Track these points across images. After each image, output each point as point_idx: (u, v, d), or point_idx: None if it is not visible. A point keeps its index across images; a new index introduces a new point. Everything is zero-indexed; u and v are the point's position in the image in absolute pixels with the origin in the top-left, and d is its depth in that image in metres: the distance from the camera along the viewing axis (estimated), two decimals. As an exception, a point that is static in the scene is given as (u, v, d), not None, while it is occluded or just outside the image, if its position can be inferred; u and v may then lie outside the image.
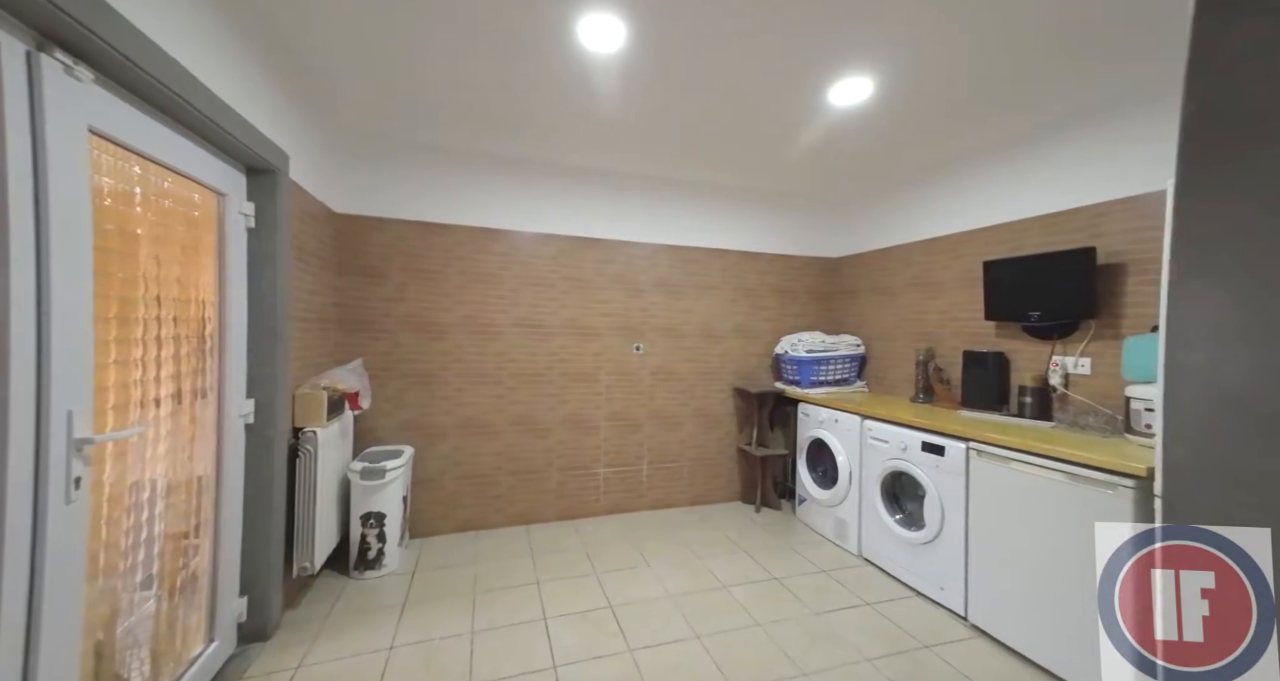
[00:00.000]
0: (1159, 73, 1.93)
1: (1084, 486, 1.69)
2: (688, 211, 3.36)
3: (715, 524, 3.10)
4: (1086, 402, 2.19)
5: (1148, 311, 2.02)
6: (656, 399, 3.28)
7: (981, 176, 2.71)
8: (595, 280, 3.14)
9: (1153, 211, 2.00)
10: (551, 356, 3.04)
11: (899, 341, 3.21)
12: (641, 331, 3.24)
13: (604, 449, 3.17)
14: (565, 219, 3.08)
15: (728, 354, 3.46)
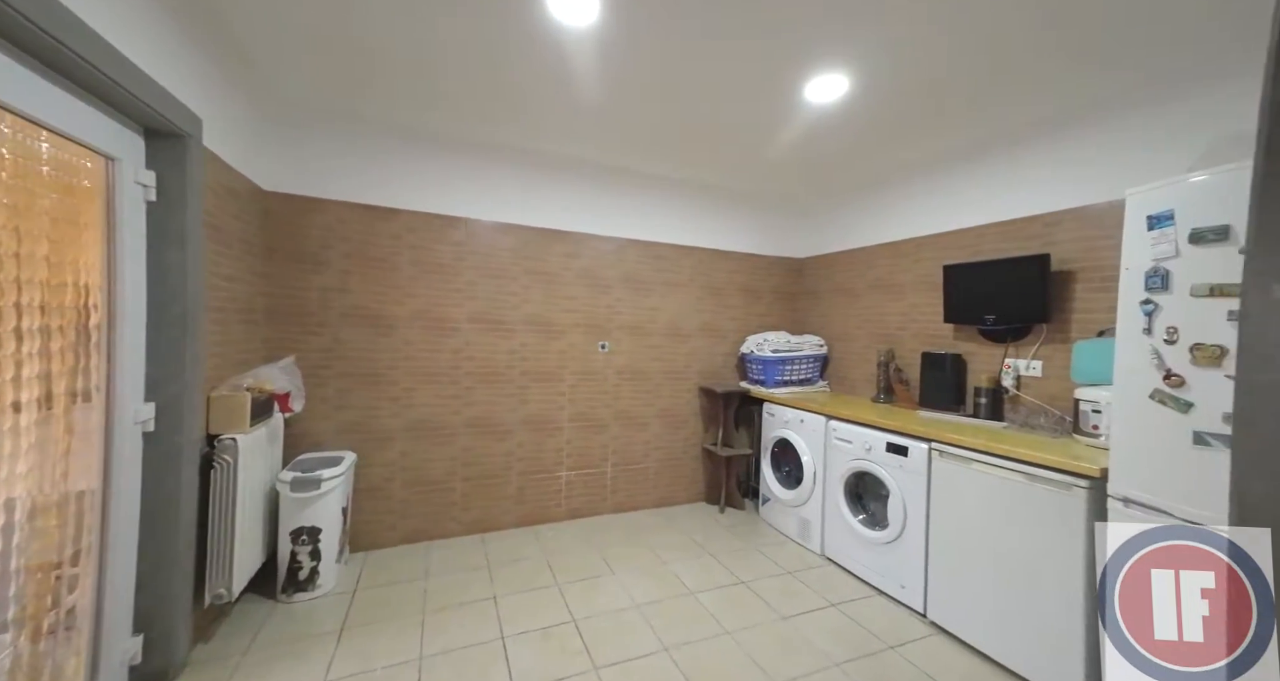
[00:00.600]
0: (1109, 89, 1.97)
1: (1041, 486, 1.69)
2: (657, 206, 3.24)
3: (680, 526, 3.00)
4: (1037, 403, 2.24)
5: (1094, 316, 2.07)
6: (622, 399, 3.14)
7: (943, 182, 2.73)
8: (560, 274, 2.95)
9: (1101, 221, 2.05)
10: (512, 354, 2.84)
11: (860, 342, 3.22)
12: (607, 329, 3.09)
13: (567, 451, 3.00)
14: (529, 208, 2.88)
15: (694, 353, 3.37)
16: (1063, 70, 1.92)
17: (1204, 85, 1.77)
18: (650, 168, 3.08)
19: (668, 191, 3.25)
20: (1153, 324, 1.43)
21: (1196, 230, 1.34)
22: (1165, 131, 1.87)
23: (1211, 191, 1.33)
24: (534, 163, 2.87)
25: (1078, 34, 1.69)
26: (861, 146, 2.69)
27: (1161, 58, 1.78)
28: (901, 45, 1.76)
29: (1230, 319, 1.28)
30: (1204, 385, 1.32)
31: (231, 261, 1.95)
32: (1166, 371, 1.39)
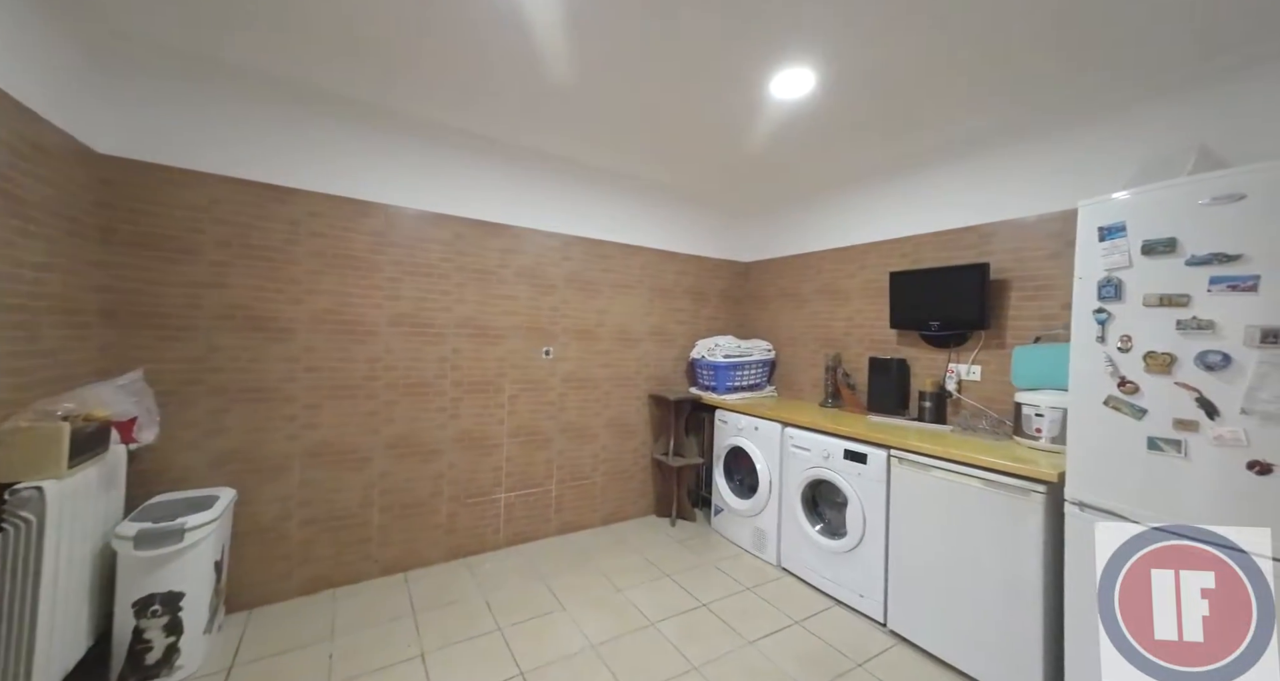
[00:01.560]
0: (1042, 109, 2.04)
1: (1000, 492, 1.67)
2: (604, 202, 2.98)
3: (631, 544, 2.76)
4: (977, 407, 2.28)
5: (1028, 323, 2.14)
6: (568, 409, 2.84)
7: (885, 191, 2.76)
8: (499, 273, 2.59)
9: (1032, 234, 2.12)
10: (443, 362, 2.43)
11: (807, 347, 3.19)
12: (552, 333, 2.77)
13: (507, 470, 2.64)
14: (463, 197, 2.49)
15: (644, 358, 3.15)
16: (996, 90, 1.96)
17: (1132, 108, 1.86)
18: (599, 159, 2.81)
19: (615, 187, 3.01)
20: (1106, 332, 1.42)
21: (1147, 242, 1.34)
22: (1098, 151, 1.95)
23: (1159, 205, 1.34)
24: (470, 146, 2.49)
25: (1012, 57, 1.71)
26: (811, 152, 2.64)
27: (1090, 81, 1.85)
28: (864, 46, 1.67)
29: (1179, 328, 1.28)
30: (1156, 392, 1.32)
31: (41, 244, 1.40)
32: (1120, 378, 1.39)
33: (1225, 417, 1.22)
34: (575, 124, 2.36)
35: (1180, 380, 1.28)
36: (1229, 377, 1.21)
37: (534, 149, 2.66)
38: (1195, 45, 1.61)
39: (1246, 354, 1.19)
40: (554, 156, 2.76)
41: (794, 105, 2.10)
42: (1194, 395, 1.26)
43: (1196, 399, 1.26)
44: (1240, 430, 1.20)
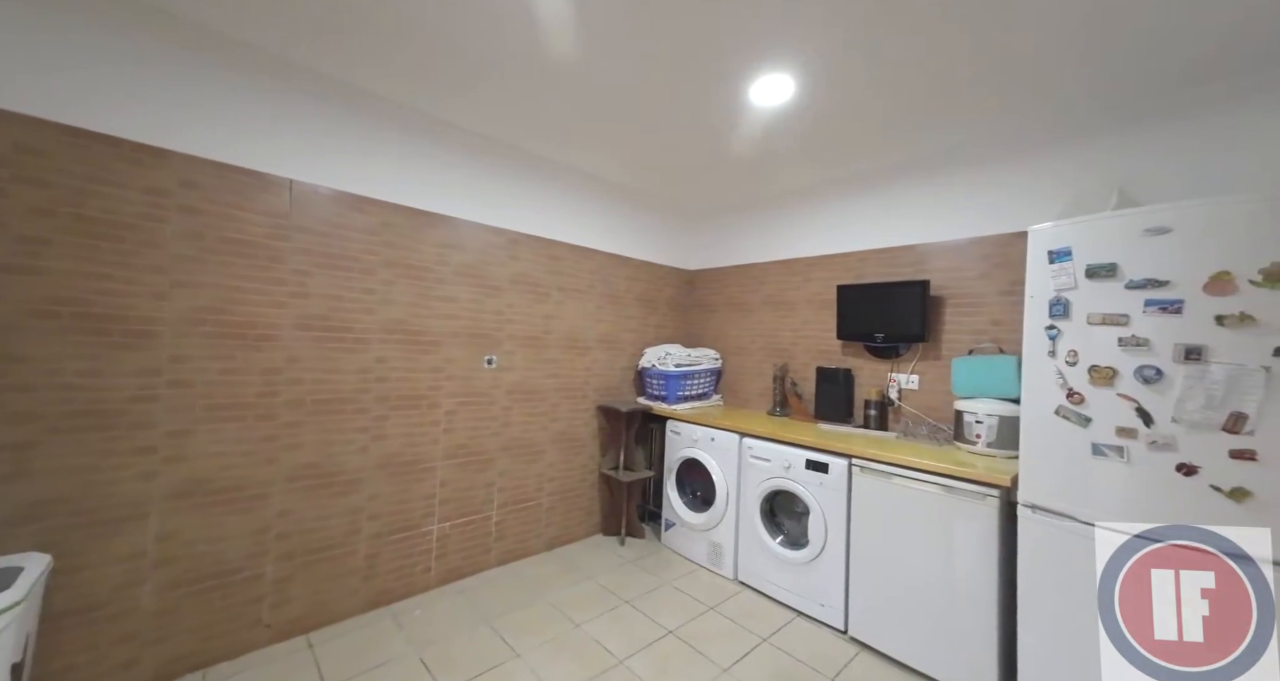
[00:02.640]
0: (981, 138, 2.23)
1: (957, 496, 1.74)
2: (557, 199, 2.73)
3: (583, 569, 2.51)
4: (917, 414, 2.41)
5: (961, 337, 2.32)
6: (513, 425, 2.52)
7: (832, 208, 2.86)
8: (436, 270, 2.22)
9: (966, 254, 2.30)
10: (365, 373, 2.00)
11: (754, 356, 3.21)
12: (496, 340, 2.45)
13: (441, 497, 2.25)
14: (395, 180, 2.10)
15: (593, 368, 2.93)
16: (938, 122, 2.10)
17: (1054, 148, 2.08)
18: (554, 151, 2.57)
19: (569, 183, 2.77)
20: (1056, 347, 1.53)
21: (1091, 266, 1.46)
22: (1024, 184, 2.16)
23: (1101, 234, 1.47)
24: (402, 120, 2.11)
25: (951, 93, 1.84)
26: (767, 165, 2.65)
27: (1016, 121, 2.04)
28: (841, 58, 1.66)
29: (1120, 345, 1.40)
30: (1100, 402, 1.44)
31: None
32: (1069, 390, 1.49)
33: (1159, 425, 1.33)
34: (529, 108, 2.09)
35: (1121, 392, 1.40)
36: (1161, 389, 1.33)
37: (480, 132, 2.34)
38: (1095, 99, 1.83)
39: (1175, 369, 1.32)
40: (503, 143, 2.45)
41: (768, 113, 2.06)
42: (1133, 405, 1.37)
43: (1136, 409, 1.37)
44: (1173, 436, 1.31)
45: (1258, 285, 1.22)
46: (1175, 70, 1.62)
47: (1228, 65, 1.58)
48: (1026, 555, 1.59)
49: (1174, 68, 1.61)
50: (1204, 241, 1.29)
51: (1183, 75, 1.64)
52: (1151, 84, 1.71)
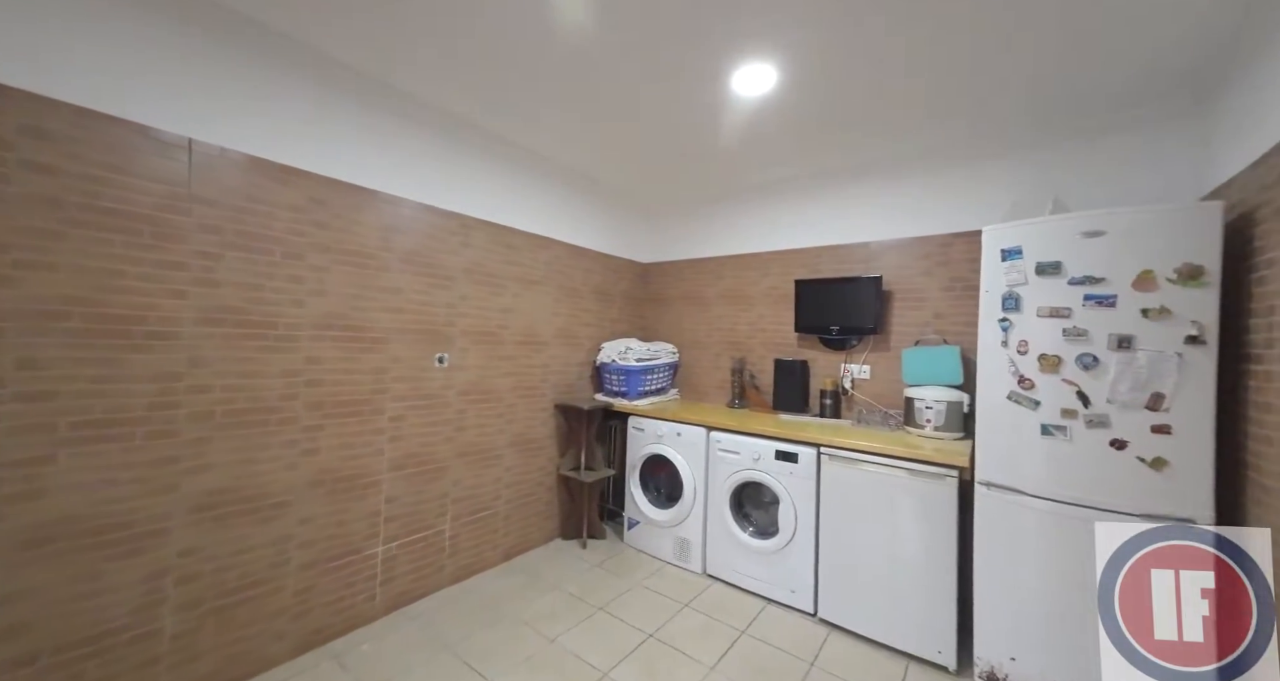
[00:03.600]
0: (931, 144, 2.39)
1: (920, 478, 1.87)
2: (511, 182, 2.53)
3: (547, 579, 2.37)
4: (869, 402, 2.58)
5: (908, 329, 2.50)
6: (467, 428, 2.30)
7: (788, 204, 2.95)
8: (378, 256, 1.93)
9: (912, 252, 2.48)
10: (292, 377, 1.69)
11: (711, 350, 3.24)
12: (448, 336, 2.21)
13: (387, 515, 1.99)
14: (325, 150, 1.79)
15: (550, 364, 2.77)
16: (883, 130, 2.24)
17: (1007, 154, 2.28)
18: (509, 129, 2.36)
19: (523, 166, 2.58)
20: (1009, 338, 1.68)
21: (1040, 264, 1.62)
22: (966, 189, 2.36)
23: (1047, 235, 1.64)
24: (335, 80, 1.79)
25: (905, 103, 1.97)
26: (732, 158, 2.65)
27: (960, 131, 2.22)
28: (819, 52, 1.69)
29: (1064, 335, 1.58)
30: (1048, 388, 1.61)
31: None
32: (1020, 377, 1.65)
33: (1096, 406, 1.51)
34: (484, 80, 1.89)
35: (1065, 377, 1.56)
36: (1098, 374, 1.51)
37: (428, 100, 2.07)
38: (1027, 115, 2.04)
39: (1109, 356, 1.50)
40: (454, 116, 2.20)
41: (741, 106, 2.04)
42: (1075, 389, 1.54)
43: (1077, 392, 1.54)
44: (1106, 415, 1.49)
45: (1173, 283, 1.41)
46: (1102, 95, 1.84)
47: (1145, 93, 1.82)
48: (983, 528, 1.73)
49: (1101, 93, 1.83)
50: (1131, 243, 1.47)
51: (1109, 100, 1.87)
52: (1082, 106, 1.93)
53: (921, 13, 1.42)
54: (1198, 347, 1.38)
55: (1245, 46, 1.43)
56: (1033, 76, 1.72)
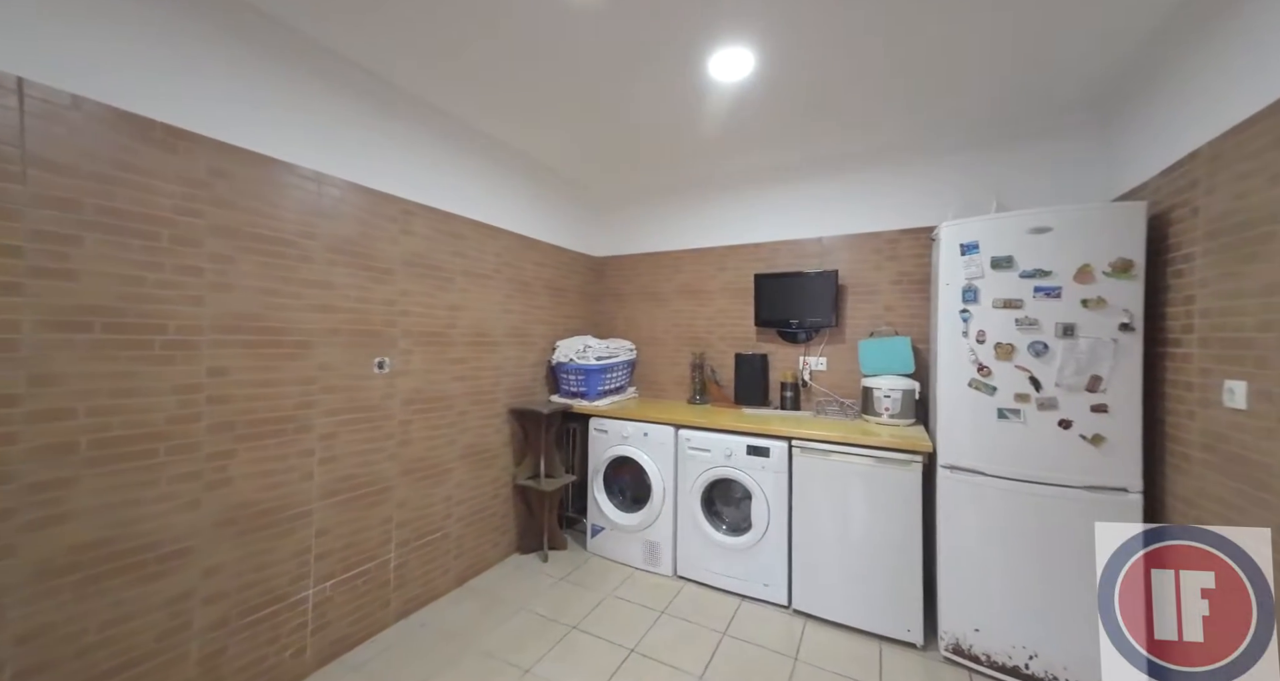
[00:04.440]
0: (880, 144, 2.48)
1: (887, 465, 1.94)
2: (455, 163, 2.27)
3: (510, 601, 2.18)
4: (827, 393, 2.66)
5: (861, 321, 2.61)
6: (413, 442, 2.03)
7: (745, 198, 2.95)
8: (300, 244, 1.62)
9: (863, 247, 2.58)
10: (189, 393, 1.35)
11: (669, 346, 3.18)
12: (389, 338, 1.92)
13: (319, 551, 1.69)
14: (228, 110, 1.44)
15: (503, 366, 2.55)
16: (836, 128, 2.29)
17: (952, 157, 2.41)
18: (454, 103, 2.10)
19: (469, 147, 2.33)
20: (968, 328, 1.78)
21: (995, 258, 1.73)
22: (913, 187, 2.49)
23: (1000, 231, 1.75)
24: (242, 26, 1.45)
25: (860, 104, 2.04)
26: (688, 151, 2.59)
27: (905, 133, 2.33)
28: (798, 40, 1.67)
29: (1017, 325, 1.70)
30: (1003, 374, 1.73)
31: None
32: (979, 364, 1.76)
33: (1045, 390, 1.64)
34: (428, 45, 1.64)
35: (1018, 364, 1.68)
36: (1047, 360, 1.64)
37: (358, 60, 1.76)
38: (962, 121, 2.19)
39: (1056, 343, 1.63)
40: (391, 83, 1.91)
41: (710, 93, 1.96)
42: (1027, 375, 1.67)
43: (1029, 378, 1.66)
44: (1054, 397, 1.63)
45: (1109, 275, 1.55)
46: (1031, 103, 2.00)
47: (1069, 105, 2.00)
48: (945, 509, 1.82)
49: (1031, 101, 1.98)
50: (1073, 239, 1.60)
51: (1046, 106, 2.03)
52: (1023, 111, 2.08)
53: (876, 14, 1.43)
54: (1128, 334, 1.53)
55: (1150, 71, 1.61)
56: (976, 81, 1.83)
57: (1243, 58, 1.23)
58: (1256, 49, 1.19)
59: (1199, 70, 1.39)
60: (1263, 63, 1.17)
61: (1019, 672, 1.65)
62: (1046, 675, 1.62)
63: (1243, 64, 1.23)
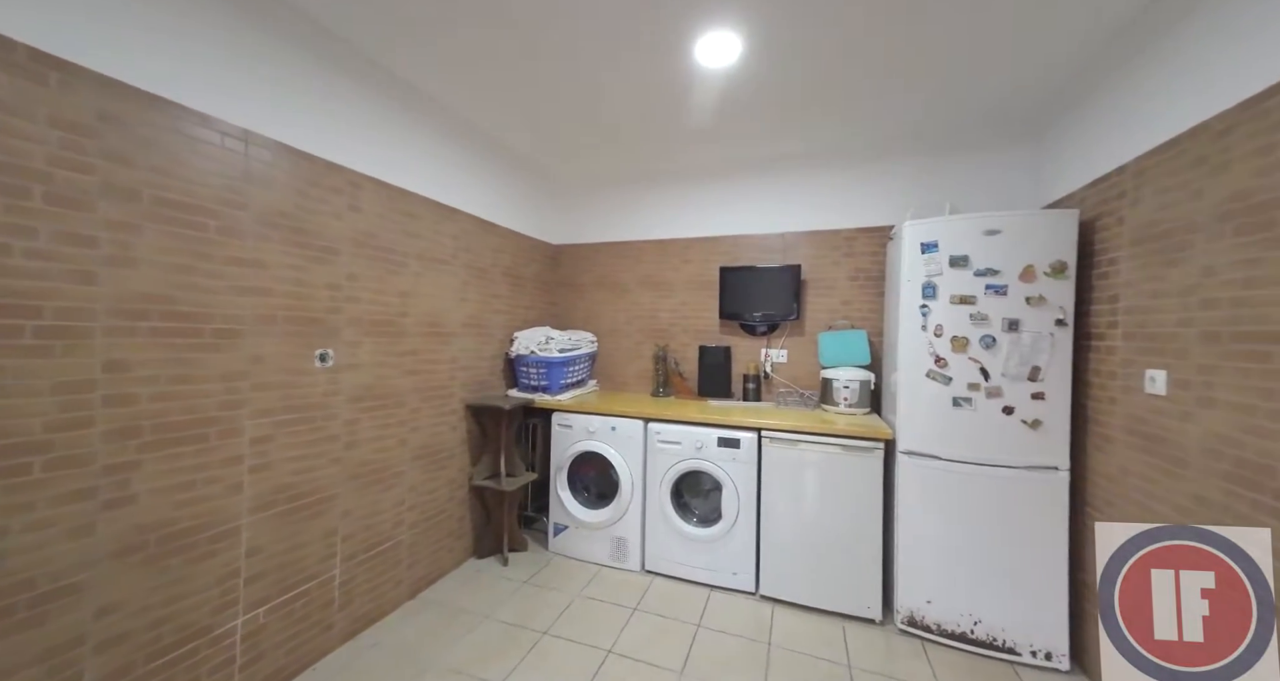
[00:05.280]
0: (840, 144, 2.57)
1: (852, 453, 2.05)
2: (407, 134, 2.04)
3: (473, 609, 2.05)
4: (788, 384, 2.76)
5: (820, 315, 2.71)
6: (360, 444, 1.82)
7: (710, 190, 2.93)
8: (224, 213, 1.36)
9: (822, 244, 2.69)
10: (80, 393, 1.09)
11: (631, 338, 3.13)
12: (333, 327, 1.70)
13: (249, 574, 1.46)
14: (124, 40, 1.16)
15: (459, 359, 2.37)
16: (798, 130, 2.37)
17: (906, 161, 2.54)
18: (406, 67, 1.87)
19: (422, 118, 2.10)
20: (927, 322, 1.91)
21: (953, 257, 1.86)
22: (870, 188, 2.61)
23: (957, 232, 1.88)
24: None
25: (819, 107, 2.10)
26: (659, 139, 2.52)
27: (862, 138, 2.43)
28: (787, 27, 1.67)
29: (970, 320, 1.84)
30: (958, 365, 1.87)
31: None
32: (936, 356, 1.89)
33: (993, 379, 1.79)
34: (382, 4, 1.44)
35: (971, 355, 1.82)
36: (995, 352, 1.79)
37: (301, 5, 1.50)
38: (914, 127, 2.33)
39: (1003, 336, 1.78)
40: (338, 37, 1.65)
41: (702, 77, 1.91)
42: (978, 365, 1.81)
43: (980, 368, 1.81)
44: (1000, 386, 1.78)
45: (1048, 275, 1.72)
46: (982, 115, 2.16)
47: (1018, 117, 2.17)
48: (903, 492, 1.94)
49: (981, 113, 2.14)
50: (1020, 241, 1.75)
51: (988, 119, 2.20)
52: (968, 122, 2.24)
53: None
54: (1062, 328, 1.70)
55: (1081, 94, 1.80)
56: (927, 92, 1.95)
57: (1165, 86, 1.39)
58: (1177, 79, 1.35)
59: (1127, 95, 1.56)
60: (1183, 91, 1.32)
61: (965, 637, 1.80)
62: (988, 638, 1.77)
63: (1165, 91, 1.39)
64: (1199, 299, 1.25)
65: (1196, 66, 1.28)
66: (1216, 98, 1.21)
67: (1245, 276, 1.12)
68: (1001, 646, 1.75)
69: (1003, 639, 1.76)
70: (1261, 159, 1.10)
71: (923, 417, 1.90)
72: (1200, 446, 1.23)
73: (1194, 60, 1.29)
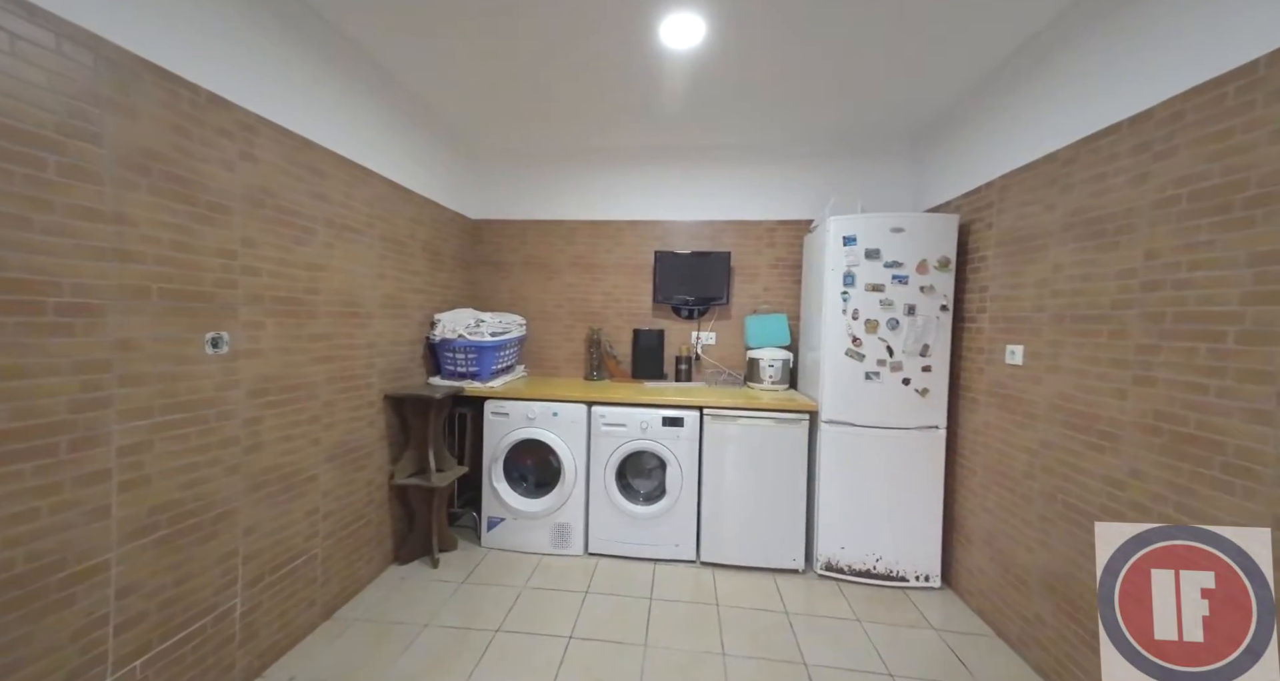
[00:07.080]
0: (769, 141, 2.75)
1: (783, 425, 2.29)
2: (315, 74, 1.70)
3: (407, 621, 1.88)
4: (716, 365, 2.96)
5: (745, 300, 2.92)
6: (264, 446, 1.54)
7: (639, 175, 2.94)
8: (66, 146, 1.02)
9: (747, 233, 2.89)
10: None
11: (561, 321, 3.07)
12: (228, 304, 1.39)
13: (119, 620, 1.16)
14: None
15: (376, 343, 2.11)
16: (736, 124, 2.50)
17: (820, 161, 2.81)
18: None
19: (333, 58, 1.76)
20: (847, 307, 2.19)
21: (868, 249, 2.16)
22: (797, 184, 2.85)
23: (871, 228, 2.17)
24: None
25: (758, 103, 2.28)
26: (588, 117, 2.46)
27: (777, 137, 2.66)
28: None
29: (880, 305, 2.16)
30: (870, 344, 2.17)
31: None
32: (854, 337, 2.19)
33: (896, 355, 2.13)
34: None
35: (880, 336, 2.14)
36: (899, 332, 2.13)
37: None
38: (829, 132, 2.62)
39: (904, 319, 2.12)
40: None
41: (663, 57, 1.89)
42: (885, 344, 2.13)
43: (886, 347, 2.13)
44: (901, 361, 2.13)
45: (936, 268, 2.07)
46: (876, 129, 2.49)
47: (905, 134, 2.54)
48: (825, 455, 2.22)
49: (875, 127, 2.47)
50: (918, 238, 2.08)
51: (880, 133, 2.53)
52: (868, 133, 2.56)
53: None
54: (945, 312, 2.07)
55: (961, 117, 2.18)
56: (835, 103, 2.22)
57: (1025, 118, 1.76)
58: (1033, 113, 1.71)
59: (997, 121, 1.93)
60: (1039, 124, 1.68)
61: (870, 573, 2.15)
62: (887, 571, 2.14)
63: (1026, 123, 1.76)
64: (1050, 289, 1.61)
65: (1050, 105, 1.64)
66: (1064, 134, 1.56)
67: (1083, 273, 1.48)
68: (896, 576, 2.12)
69: (897, 570, 2.12)
70: (1095, 184, 1.44)
71: (842, 391, 2.17)
72: (1047, 403, 1.60)
73: (1047, 98, 1.64)
